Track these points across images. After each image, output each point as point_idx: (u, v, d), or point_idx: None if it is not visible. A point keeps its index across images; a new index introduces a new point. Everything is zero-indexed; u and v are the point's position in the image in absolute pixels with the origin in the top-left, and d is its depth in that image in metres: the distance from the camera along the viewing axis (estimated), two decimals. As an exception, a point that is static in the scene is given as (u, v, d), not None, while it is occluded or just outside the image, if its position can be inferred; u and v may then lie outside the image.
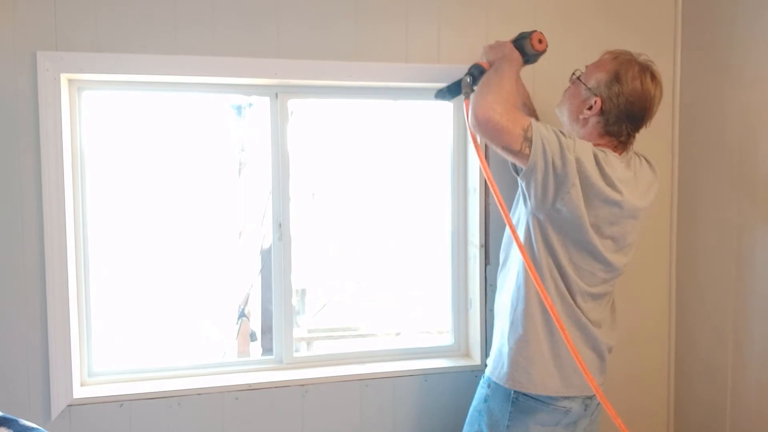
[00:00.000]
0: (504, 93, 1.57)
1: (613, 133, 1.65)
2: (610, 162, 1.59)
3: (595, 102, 1.64)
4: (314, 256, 4.56)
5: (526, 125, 1.53)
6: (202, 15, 1.88)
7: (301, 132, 2.59)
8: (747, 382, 1.97)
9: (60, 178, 1.81)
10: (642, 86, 1.62)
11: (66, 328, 1.85)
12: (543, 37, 1.68)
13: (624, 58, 1.65)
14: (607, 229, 1.62)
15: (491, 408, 1.72)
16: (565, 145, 1.52)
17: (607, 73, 1.64)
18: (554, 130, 1.55)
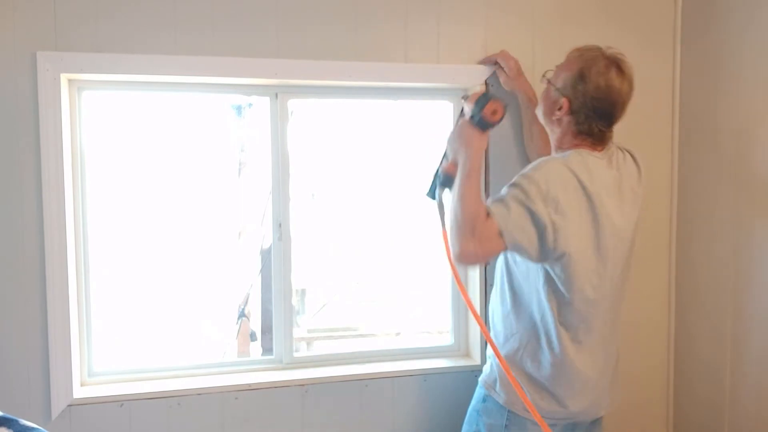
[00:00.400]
0: (472, 202, 1.54)
1: (585, 131, 1.63)
2: (590, 168, 1.57)
3: (563, 102, 1.62)
4: (314, 256, 4.56)
5: (496, 230, 1.51)
6: (202, 15, 1.88)
7: (301, 132, 2.59)
8: (746, 382, 1.97)
9: (60, 178, 1.81)
10: (606, 83, 1.58)
11: (66, 328, 1.85)
12: (498, 107, 1.61)
13: (589, 55, 1.62)
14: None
15: (489, 408, 1.72)
16: (538, 215, 1.50)
17: (572, 71, 1.61)
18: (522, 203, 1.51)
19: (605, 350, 1.68)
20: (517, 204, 1.52)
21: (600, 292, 1.61)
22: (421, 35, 2.03)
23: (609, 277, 1.62)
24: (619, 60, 1.61)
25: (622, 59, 1.62)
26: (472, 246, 1.52)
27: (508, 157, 2.11)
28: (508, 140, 2.11)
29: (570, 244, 1.53)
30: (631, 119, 2.13)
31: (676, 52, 2.23)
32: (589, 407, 1.68)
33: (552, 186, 1.52)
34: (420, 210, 3.81)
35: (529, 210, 1.51)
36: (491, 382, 1.72)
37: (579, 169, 1.57)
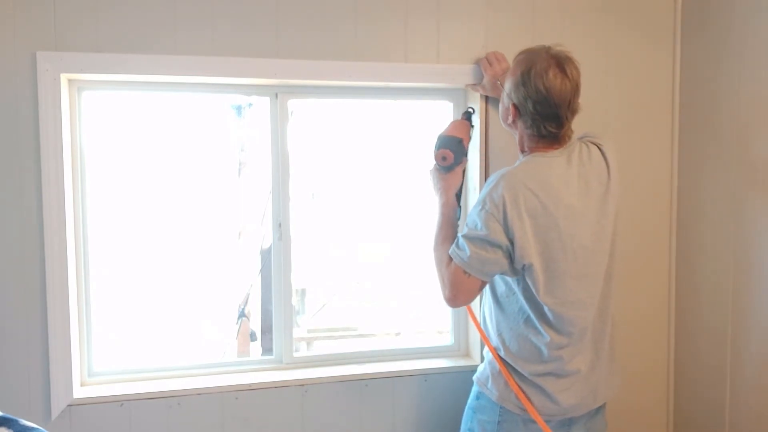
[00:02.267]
0: (440, 251, 1.68)
1: (536, 134, 1.62)
2: (542, 172, 1.58)
3: (511, 108, 1.63)
4: (314, 256, 4.56)
5: (462, 272, 1.59)
6: (202, 15, 1.88)
7: (301, 132, 2.60)
8: (746, 382, 1.97)
9: (60, 178, 1.81)
10: (545, 85, 1.54)
11: (66, 328, 1.85)
12: (447, 154, 1.76)
13: (531, 57, 1.59)
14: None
15: (483, 405, 1.73)
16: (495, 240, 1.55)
17: (515, 76, 1.60)
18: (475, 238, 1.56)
19: (595, 346, 1.68)
20: (471, 240, 1.57)
21: (577, 293, 1.60)
22: (421, 35, 2.03)
23: (585, 275, 1.61)
24: (561, 58, 1.57)
25: (565, 56, 1.58)
26: (448, 292, 1.64)
27: (507, 154, 2.11)
28: (508, 140, 2.11)
29: (530, 254, 1.55)
30: (630, 115, 2.15)
31: (676, 48, 2.23)
32: (582, 401, 1.68)
33: (501, 204, 1.54)
34: (420, 210, 3.81)
35: (484, 241, 1.56)
36: (484, 379, 1.73)
37: (528, 177, 1.57)
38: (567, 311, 1.59)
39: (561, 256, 1.57)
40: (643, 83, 2.22)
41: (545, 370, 1.64)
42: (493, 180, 1.59)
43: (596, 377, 1.70)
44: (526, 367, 1.65)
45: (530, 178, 1.57)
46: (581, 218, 1.59)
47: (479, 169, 2.10)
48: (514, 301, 1.65)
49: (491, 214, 1.54)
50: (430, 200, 1.82)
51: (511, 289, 1.65)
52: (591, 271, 1.62)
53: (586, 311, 1.62)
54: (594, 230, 1.61)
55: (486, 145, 2.10)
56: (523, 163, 1.62)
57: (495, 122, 2.09)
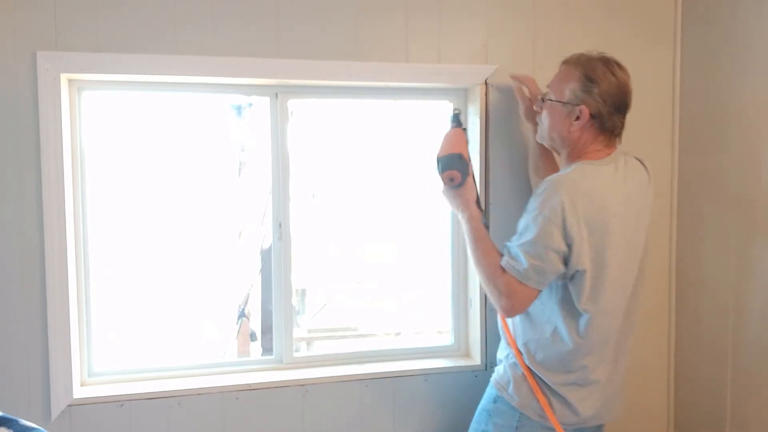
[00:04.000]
0: (486, 263, 1.65)
1: (609, 129, 1.65)
2: (596, 180, 1.61)
3: (581, 111, 1.63)
4: (314, 256, 4.56)
5: (516, 282, 1.58)
6: (202, 15, 1.88)
7: (301, 132, 2.60)
8: (747, 382, 1.97)
9: (60, 178, 1.81)
10: (615, 77, 1.63)
11: (66, 328, 1.85)
12: (455, 174, 1.72)
13: (583, 60, 1.66)
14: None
15: (500, 409, 1.73)
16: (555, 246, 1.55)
17: (576, 80, 1.64)
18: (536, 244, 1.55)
19: (616, 357, 1.70)
20: (526, 249, 1.56)
21: (614, 302, 1.62)
22: (421, 35, 2.03)
23: (623, 285, 1.64)
24: (610, 57, 1.67)
25: (612, 56, 1.68)
26: (504, 302, 1.61)
27: (507, 154, 2.11)
28: (508, 140, 2.11)
29: (585, 261, 1.55)
30: (630, 115, 2.13)
31: (676, 48, 2.23)
32: (598, 412, 1.70)
33: (560, 209, 1.54)
34: (420, 210, 3.81)
35: (542, 247, 1.55)
36: (504, 383, 1.73)
37: (583, 183, 1.59)
38: (602, 319, 1.61)
39: (609, 263, 1.58)
40: (643, 83, 2.21)
41: (569, 379, 1.65)
42: (548, 187, 1.58)
43: (612, 389, 1.71)
44: (551, 377, 1.66)
45: (585, 185, 1.59)
46: (624, 228, 1.61)
47: (479, 169, 2.10)
48: (545, 311, 1.65)
49: (550, 220, 1.54)
50: (435, 204, 1.84)
51: (541, 299, 1.64)
52: (626, 282, 1.65)
53: (616, 320, 1.65)
54: (631, 242, 1.64)
55: (486, 146, 2.10)
56: (575, 170, 1.62)
57: (495, 123, 2.09)
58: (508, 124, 2.11)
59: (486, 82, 2.08)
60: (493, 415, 1.74)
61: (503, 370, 1.76)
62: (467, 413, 2.14)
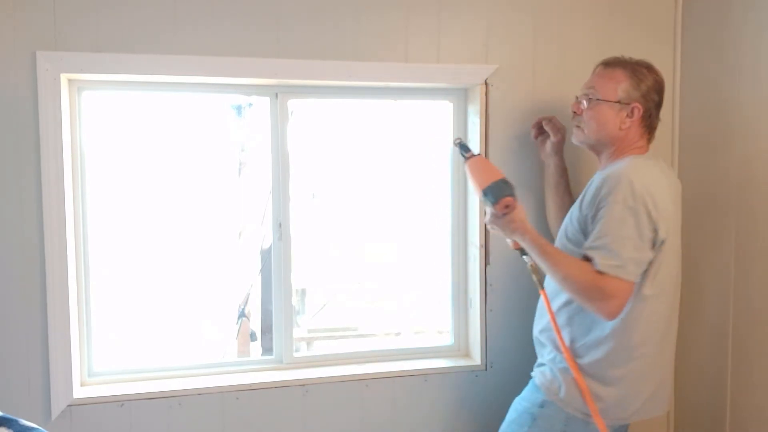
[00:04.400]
0: (574, 274, 1.59)
1: (652, 126, 1.75)
2: (654, 171, 1.68)
3: (634, 109, 1.71)
4: (314, 256, 4.56)
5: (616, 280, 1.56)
6: (202, 15, 1.88)
7: (301, 132, 2.60)
8: (747, 382, 1.97)
9: (60, 178, 1.81)
10: (656, 76, 1.74)
11: (66, 328, 1.85)
12: (511, 201, 1.64)
13: (627, 62, 1.76)
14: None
15: (548, 414, 1.72)
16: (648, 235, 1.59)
17: (626, 79, 1.72)
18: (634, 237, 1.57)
19: (663, 348, 1.76)
20: (620, 245, 1.57)
21: (669, 286, 1.68)
22: (421, 35, 2.03)
23: (676, 270, 1.72)
24: (643, 60, 1.79)
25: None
26: (612, 304, 1.57)
27: (507, 154, 2.11)
28: (508, 140, 2.11)
29: (662, 243, 1.62)
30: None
31: (676, 47, 2.23)
32: (645, 404, 1.72)
33: (641, 197, 1.58)
34: (420, 210, 3.81)
35: (636, 237, 1.57)
36: (555, 388, 1.71)
37: (646, 173, 1.65)
38: (658, 305, 1.66)
39: (671, 247, 1.66)
40: (643, 83, 2.22)
41: (622, 374, 1.67)
42: (618, 180, 1.60)
43: (659, 379, 1.75)
44: (606, 372, 1.67)
45: (647, 174, 1.65)
46: (676, 217, 1.71)
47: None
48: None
49: (634, 209, 1.57)
50: (432, 200, 1.81)
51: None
52: (677, 268, 1.74)
53: (667, 307, 1.71)
54: (677, 232, 1.72)
55: (486, 146, 2.10)
56: (631, 163, 1.67)
57: (495, 123, 2.09)
58: (508, 124, 2.11)
59: (486, 82, 2.08)
60: (538, 418, 1.73)
61: (551, 374, 1.74)
62: (467, 413, 2.15)
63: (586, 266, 1.58)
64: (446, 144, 2.23)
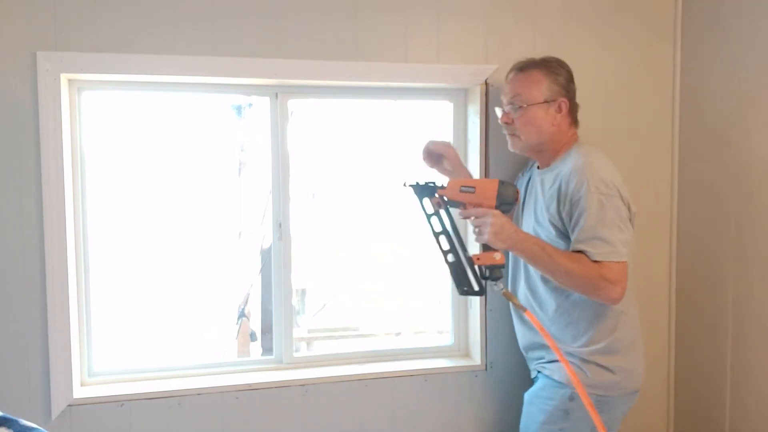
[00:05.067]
0: (574, 268, 1.61)
1: (575, 114, 1.81)
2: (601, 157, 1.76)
3: (561, 103, 1.76)
4: (314, 256, 4.56)
5: (614, 264, 1.61)
6: (202, 15, 1.88)
7: (301, 132, 2.60)
8: (746, 382, 1.97)
9: (60, 178, 1.81)
10: (567, 67, 1.82)
11: (66, 328, 1.85)
12: (515, 191, 1.63)
13: (537, 62, 1.80)
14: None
15: (580, 404, 1.72)
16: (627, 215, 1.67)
17: (546, 78, 1.77)
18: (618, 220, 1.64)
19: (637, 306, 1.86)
20: (609, 230, 1.62)
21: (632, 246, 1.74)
22: (421, 35, 2.03)
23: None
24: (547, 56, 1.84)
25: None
26: (617, 289, 1.61)
27: (507, 154, 2.12)
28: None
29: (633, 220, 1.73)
30: (630, 114, 2.15)
31: (676, 47, 2.23)
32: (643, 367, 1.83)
33: (612, 183, 1.66)
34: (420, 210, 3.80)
35: (621, 219, 1.64)
36: (589, 382, 1.74)
37: (598, 157, 1.73)
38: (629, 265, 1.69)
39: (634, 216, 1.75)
40: (643, 82, 2.23)
41: (630, 344, 1.77)
42: (583, 173, 1.65)
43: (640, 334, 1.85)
44: (614, 344, 1.74)
45: (599, 158, 1.73)
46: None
47: (479, 170, 2.10)
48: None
49: (609, 195, 1.63)
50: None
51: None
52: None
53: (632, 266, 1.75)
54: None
55: (486, 146, 2.10)
56: (585, 154, 1.73)
57: (495, 123, 2.09)
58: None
59: (486, 82, 2.08)
60: (570, 412, 1.75)
61: (578, 368, 1.75)
62: (467, 413, 2.15)
63: (584, 258, 1.62)
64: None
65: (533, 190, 1.84)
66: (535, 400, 1.82)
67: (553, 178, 1.75)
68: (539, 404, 1.81)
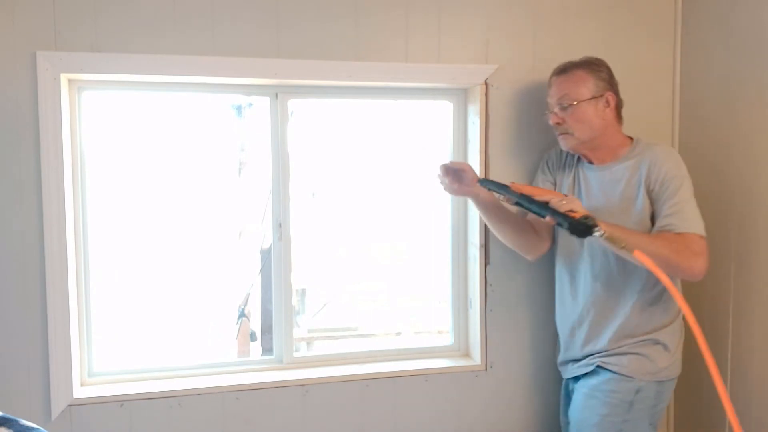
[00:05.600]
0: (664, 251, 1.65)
1: (620, 113, 1.87)
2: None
3: (608, 97, 1.82)
4: (314, 256, 4.55)
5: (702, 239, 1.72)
6: (202, 15, 1.88)
7: (301, 132, 2.60)
8: (746, 382, 1.97)
9: (60, 178, 1.81)
10: (606, 63, 1.87)
11: (66, 328, 1.85)
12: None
13: (576, 63, 1.85)
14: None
15: (644, 396, 1.81)
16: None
17: (590, 76, 1.82)
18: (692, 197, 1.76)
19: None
20: (691, 206, 1.74)
21: None
22: (421, 35, 2.03)
23: None
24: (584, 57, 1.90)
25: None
26: (703, 261, 1.71)
27: (507, 155, 2.12)
28: (508, 140, 2.11)
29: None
30: (631, 109, 2.14)
31: (676, 43, 2.23)
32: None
33: (682, 163, 1.80)
34: (420, 210, 3.81)
35: (692, 195, 1.76)
36: (650, 368, 1.81)
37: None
38: None
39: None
40: (644, 78, 2.22)
41: (671, 326, 1.86)
42: (667, 160, 1.77)
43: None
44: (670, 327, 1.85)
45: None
46: None
47: (479, 170, 2.10)
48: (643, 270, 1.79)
49: (687, 177, 1.77)
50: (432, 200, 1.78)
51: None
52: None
53: None
54: None
55: (486, 146, 2.10)
56: (655, 143, 1.85)
57: (495, 123, 2.10)
58: (508, 124, 2.11)
59: (486, 82, 2.08)
60: (635, 403, 1.80)
61: (640, 355, 1.81)
62: (467, 413, 2.15)
63: (667, 235, 1.70)
64: (445, 145, 2.23)
65: (588, 186, 1.89)
66: (597, 393, 1.84)
67: (627, 170, 1.81)
68: (602, 397, 1.83)
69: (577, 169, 1.95)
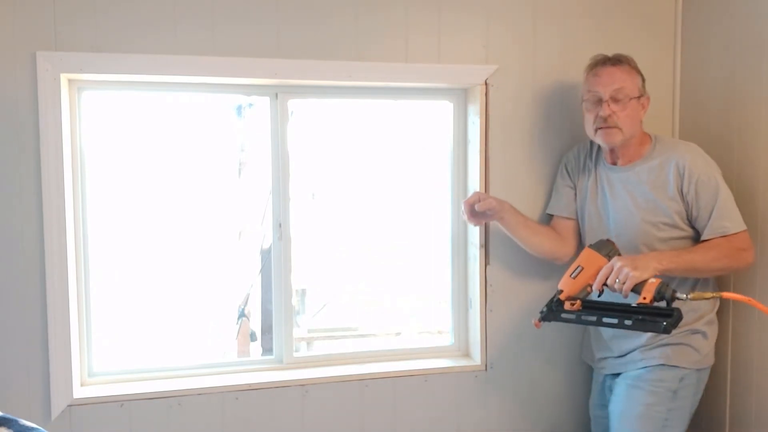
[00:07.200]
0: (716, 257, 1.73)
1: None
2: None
3: (647, 99, 1.86)
4: (314, 256, 4.55)
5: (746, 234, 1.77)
6: (202, 15, 1.88)
7: (301, 132, 2.60)
8: (746, 382, 1.97)
9: (60, 178, 1.81)
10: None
11: (66, 328, 1.85)
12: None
13: (624, 57, 1.85)
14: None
15: (687, 384, 1.83)
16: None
17: (637, 73, 1.85)
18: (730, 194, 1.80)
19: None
20: (732, 201, 1.78)
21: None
22: (421, 35, 2.03)
23: None
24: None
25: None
26: (748, 257, 1.77)
27: (506, 154, 2.12)
28: (508, 140, 2.11)
29: None
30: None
31: (676, 44, 2.23)
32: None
33: (714, 164, 1.84)
34: (420, 210, 3.81)
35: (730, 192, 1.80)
36: (695, 357, 1.84)
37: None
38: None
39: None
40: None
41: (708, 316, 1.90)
42: (695, 162, 1.79)
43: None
44: (713, 320, 1.90)
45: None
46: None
47: (479, 170, 2.10)
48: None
49: (719, 175, 1.81)
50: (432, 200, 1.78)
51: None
52: None
53: None
54: None
55: (486, 146, 2.10)
56: (678, 141, 1.92)
57: (495, 123, 2.10)
58: (508, 124, 2.11)
59: (486, 82, 2.08)
60: (679, 391, 1.83)
61: (682, 346, 1.83)
62: (467, 413, 2.15)
63: (717, 242, 1.74)
64: (445, 146, 2.23)
65: (612, 187, 1.89)
66: (641, 383, 1.85)
67: (653, 170, 1.81)
68: (646, 387, 1.84)
69: (597, 171, 1.94)
